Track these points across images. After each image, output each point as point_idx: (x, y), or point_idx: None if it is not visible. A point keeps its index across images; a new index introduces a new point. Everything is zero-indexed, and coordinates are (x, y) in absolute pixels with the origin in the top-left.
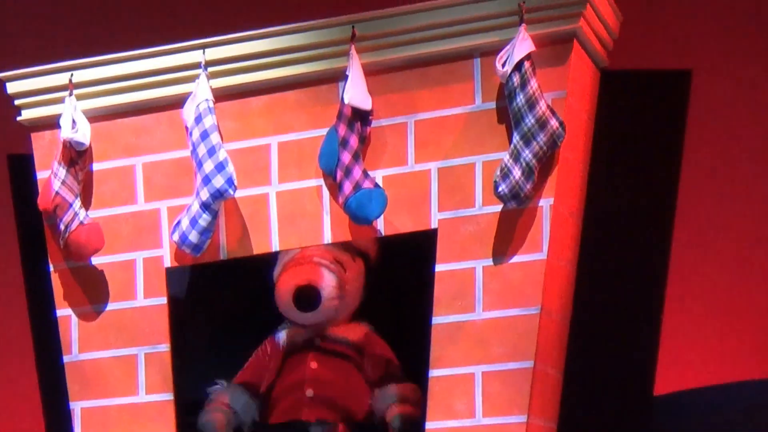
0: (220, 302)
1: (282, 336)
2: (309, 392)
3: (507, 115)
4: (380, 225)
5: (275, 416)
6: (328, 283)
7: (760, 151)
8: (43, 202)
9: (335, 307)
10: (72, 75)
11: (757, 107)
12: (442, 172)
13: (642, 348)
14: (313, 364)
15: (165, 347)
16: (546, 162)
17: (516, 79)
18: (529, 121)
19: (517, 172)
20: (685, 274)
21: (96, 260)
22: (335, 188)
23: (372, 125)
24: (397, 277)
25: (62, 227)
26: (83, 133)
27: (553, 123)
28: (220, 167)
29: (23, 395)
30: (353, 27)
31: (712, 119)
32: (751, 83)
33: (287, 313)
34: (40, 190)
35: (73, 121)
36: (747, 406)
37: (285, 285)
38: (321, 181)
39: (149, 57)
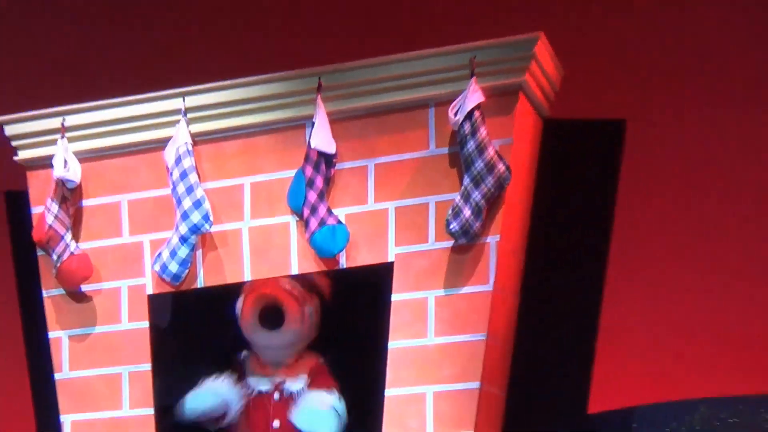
0: (197, 326)
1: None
2: None
3: (458, 160)
4: (342, 258)
5: None
6: (292, 304)
7: (687, 193)
8: (37, 235)
9: (298, 330)
10: (64, 119)
11: (684, 154)
12: (398, 211)
13: (578, 370)
14: (276, 423)
15: (147, 366)
16: (493, 203)
17: (467, 127)
18: (479, 165)
19: (467, 212)
20: (618, 304)
21: (85, 287)
22: (302, 224)
23: (336, 167)
24: (358, 305)
25: (54, 257)
26: (74, 172)
27: (501, 167)
28: (198, 204)
29: (18, 409)
30: (319, 78)
31: (644, 164)
32: (679, 132)
33: (252, 335)
34: (34, 223)
35: (65, 161)
36: (673, 425)
37: (250, 306)
38: (289, 218)
39: (134, 103)
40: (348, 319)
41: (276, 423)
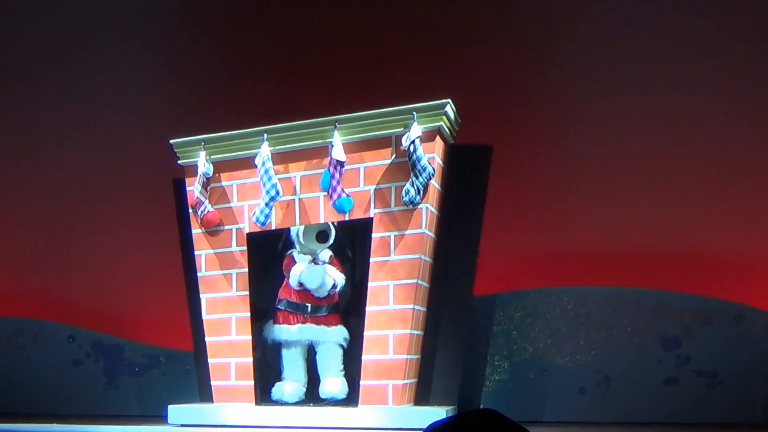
0: (272, 246)
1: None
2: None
3: (406, 165)
4: (348, 215)
5: None
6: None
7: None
8: (190, 201)
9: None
10: (203, 141)
11: (530, 167)
12: (376, 191)
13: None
14: None
15: (245, 270)
16: (426, 186)
17: (411, 147)
18: (418, 166)
19: (412, 191)
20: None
21: (214, 229)
22: (328, 197)
23: (344, 168)
24: (355, 239)
25: (200, 213)
26: (209, 169)
27: (429, 168)
28: (273, 186)
29: (176, 291)
30: (336, 122)
31: (504, 173)
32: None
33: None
34: (188, 196)
35: (204, 163)
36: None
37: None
38: (321, 194)
39: (243, 137)
40: (350, 244)
41: None
